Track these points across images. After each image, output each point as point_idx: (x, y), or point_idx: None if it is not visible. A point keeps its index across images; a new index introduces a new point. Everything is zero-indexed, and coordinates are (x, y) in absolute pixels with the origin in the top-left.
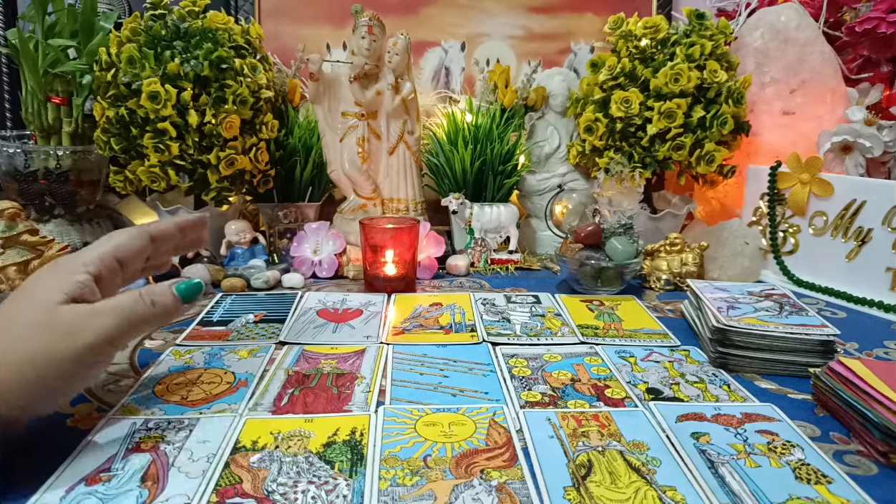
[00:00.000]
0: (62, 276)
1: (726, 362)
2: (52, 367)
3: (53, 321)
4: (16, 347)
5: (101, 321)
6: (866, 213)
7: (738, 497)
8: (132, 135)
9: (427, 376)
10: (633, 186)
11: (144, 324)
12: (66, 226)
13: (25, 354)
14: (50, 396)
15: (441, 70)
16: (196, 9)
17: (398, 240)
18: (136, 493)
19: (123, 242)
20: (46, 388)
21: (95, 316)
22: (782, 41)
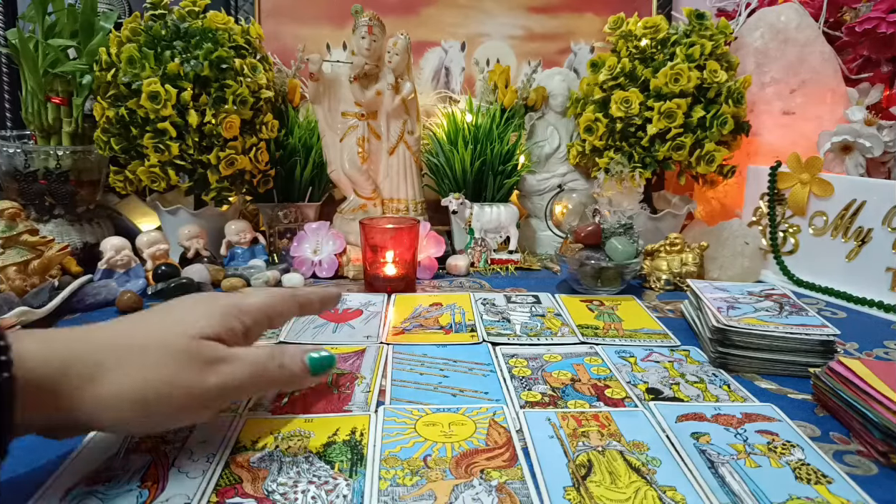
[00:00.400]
0: (216, 314)
1: (726, 362)
2: (174, 396)
3: (195, 352)
4: (146, 365)
5: (236, 368)
6: (866, 213)
7: (738, 497)
8: (132, 135)
9: (427, 376)
10: (633, 186)
11: (270, 383)
12: (66, 226)
13: (154, 375)
14: (152, 423)
15: (441, 70)
16: (196, 9)
17: (398, 240)
18: (136, 493)
19: (278, 305)
20: (158, 413)
21: (235, 361)
22: (782, 41)
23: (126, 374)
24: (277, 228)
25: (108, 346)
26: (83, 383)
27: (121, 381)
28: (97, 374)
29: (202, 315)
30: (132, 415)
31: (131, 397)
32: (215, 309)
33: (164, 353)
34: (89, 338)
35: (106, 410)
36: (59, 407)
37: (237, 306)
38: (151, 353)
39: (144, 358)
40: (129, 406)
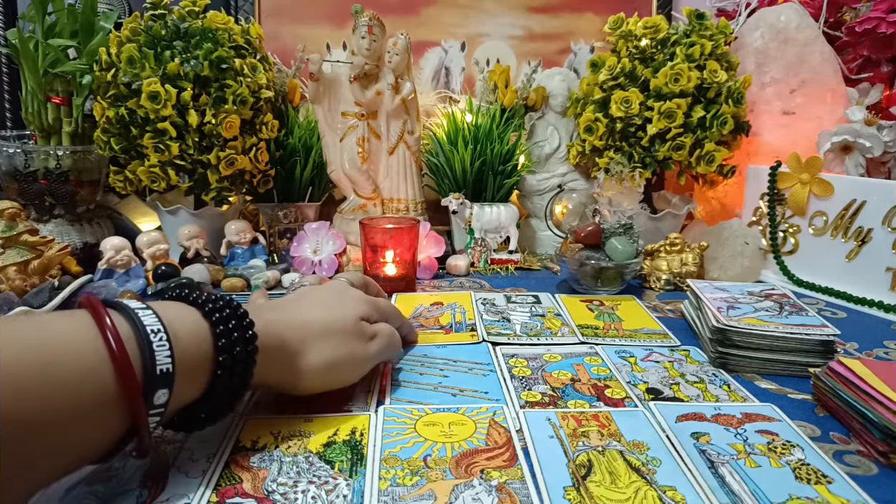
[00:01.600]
0: (362, 301)
1: (726, 362)
2: (350, 363)
3: (361, 331)
4: (335, 343)
5: (381, 339)
6: (866, 213)
7: (738, 497)
8: (132, 135)
9: (427, 376)
10: (633, 186)
11: (393, 351)
12: (66, 226)
13: (341, 350)
14: (330, 384)
15: (441, 70)
16: (196, 9)
17: (398, 240)
18: (136, 493)
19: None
20: (337, 377)
21: (380, 334)
22: (782, 41)
23: (323, 349)
24: (277, 228)
25: (308, 327)
26: (293, 356)
27: (319, 355)
28: (302, 349)
29: (358, 302)
30: (322, 378)
31: (325, 365)
32: (363, 298)
33: (343, 333)
34: (292, 319)
35: (306, 375)
36: (275, 371)
37: (371, 299)
38: (337, 333)
39: (333, 337)
40: (322, 372)
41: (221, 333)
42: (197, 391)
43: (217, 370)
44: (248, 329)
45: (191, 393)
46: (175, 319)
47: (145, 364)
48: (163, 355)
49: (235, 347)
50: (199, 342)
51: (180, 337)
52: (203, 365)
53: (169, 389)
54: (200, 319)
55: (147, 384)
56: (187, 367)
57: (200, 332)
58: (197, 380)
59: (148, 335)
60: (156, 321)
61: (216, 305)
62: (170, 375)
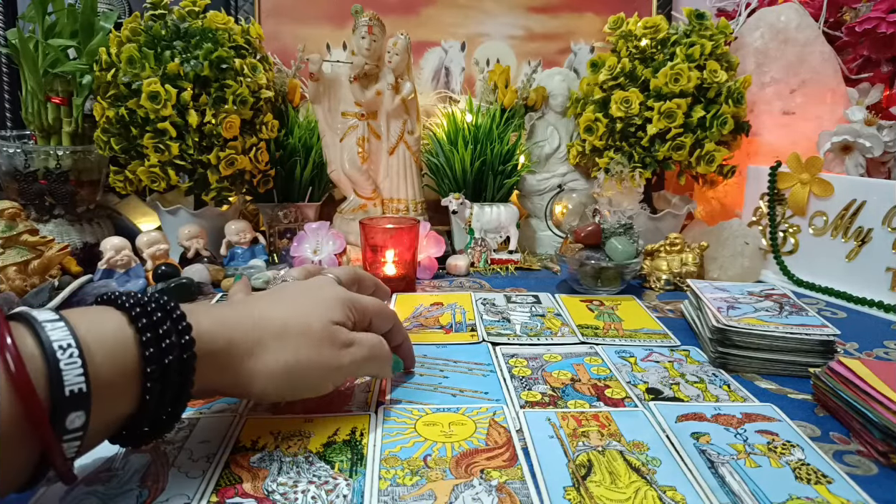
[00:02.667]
0: (341, 304)
1: (726, 362)
2: (315, 370)
3: (332, 335)
4: (296, 346)
5: (359, 349)
6: (866, 213)
7: (738, 497)
8: (132, 135)
9: (427, 376)
10: (633, 186)
11: (377, 366)
12: (66, 226)
13: (302, 354)
14: (291, 393)
15: (441, 70)
16: (196, 9)
17: (398, 240)
18: (136, 493)
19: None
20: (299, 385)
21: (358, 344)
22: (782, 41)
23: (279, 352)
24: (277, 228)
25: (263, 327)
26: (244, 358)
27: (275, 358)
28: (255, 351)
29: (333, 303)
30: (279, 385)
31: (282, 371)
32: (340, 299)
33: (309, 336)
34: (246, 317)
35: (258, 381)
36: (222, 377)
37: (354, 302)
38: (299, 336)
39: (294, 339)
40: (278, 378)
41: (149, 342)
42: (127, 407)
43: (146, 382)
44: (183, 334)
45: (119, 410)
46: (92, 329)
47: (52, 385)
48: (73, 374)
49: (167, 356)
50: (122, 353)
51: (94, 350)
52: (129, 378)
53: (85, 411)
54: (125, 326)
55: (55, 407)
56: (107, 384)
57: (124, 340)
58: (124, 395)
59: (55, 352)
60: (66, 335)
61: (145, 309)
62: (83, 396)
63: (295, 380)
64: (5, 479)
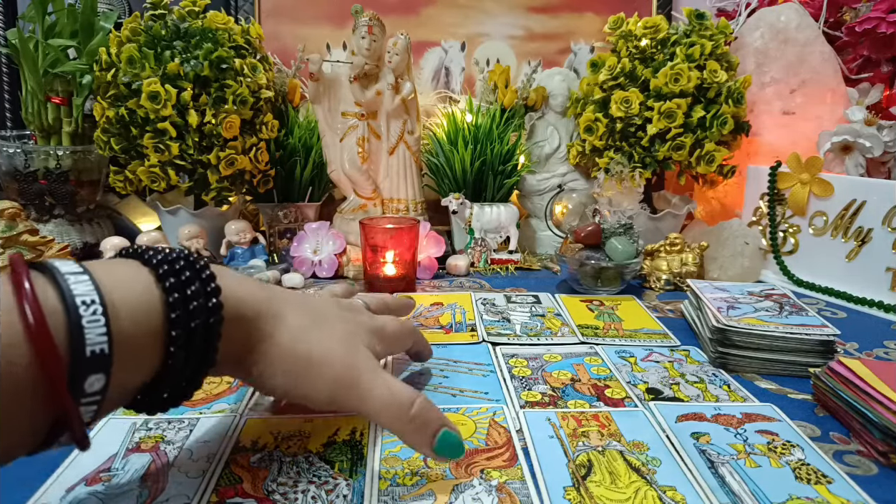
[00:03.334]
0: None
1: (726, 362)
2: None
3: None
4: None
5: (381, 390)
6: (866, 213)
7: (738, 497)
8: (132, 135)
9: (427, 376)
10: (633, 186)
11: (395, 422)
12: (66, 226)
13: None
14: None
15: (441, 70)
16: (196, 9)
17: (398, 240)
18: (136, 493)
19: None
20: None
21: (384, 384)
22: (782, 41)
23: (298, 340)
24: (277, 228)
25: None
26: (264, 335)
27: (293, 344)
28: (276, 331)
29: (362, 327)
30: (287, 374)
31: (295, 358)
32: (367, 327)
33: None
34: (275, 295)
35: (270, 362)
36: (242, 348)
37: (380, 331)
38: (326, 333)
39: (317, 334)
40: (289, 364)
41: (175, 303)
42: (148, 371)
43: (170, 347)
44: (211, 296)
45: (138, 375)
46: (118, 286)
47: (73, 343)
48: (95, 332)
49: (193, 320)
50: (147, 313)
51: (121, 308)
52: (152, 341)
53: (105, 374)
54: (152, 284)
55: (74, 368)
56: (130, 346)
57: (150, 300)
58: (146, 359)
59: (77, 308)
60: (90, 289)
61: (173, 266)
62: (105, 357)
63: (299, 376)
64: (19, 439)
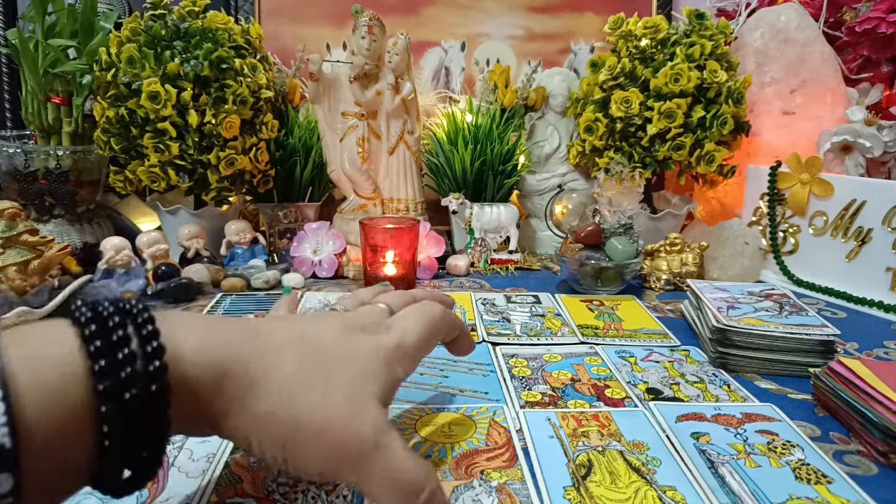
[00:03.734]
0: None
1: (726, 362)
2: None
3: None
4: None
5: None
6: (866, 213)
7: (738, 497)
8: (132, 135)
9: (427, 376)
10: (633, 186)
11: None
12: (66, 226)
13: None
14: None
15: (441, 70)
16: (196, 9)
17: (398, 240)
18: (135, 493)
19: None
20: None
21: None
22: (782, 41)
23: (285, 402)
24: (277, 228)
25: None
26: (233, 404)
27: (276, 406)
28: (251, 394)
29: (377, 364)
30: (269, 448)
31: (278, 429)
32: (383, 357)
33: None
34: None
35: (244, 432)
36: (202, 420)
37: (399, 348)
38: (317, 391)
39: (311, 386)
40: (269, 437)
41: (101, 372)
42: (82, 453)
43: (102, 425)
44: (152, 358)
45: (69, 462)
46: (29, 362)
47: None
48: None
49: (126, 390)
50: (63, 391)
51: (28, 392)
52: (76, 421)
53: (12, 473)
54: (75, 350)
55: None
56: (45, 434)
57: (71, 371)
58: (74, 442)
59: None
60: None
61: (105, 324)
62: (8, 452)
63: (286, 447)
64: None
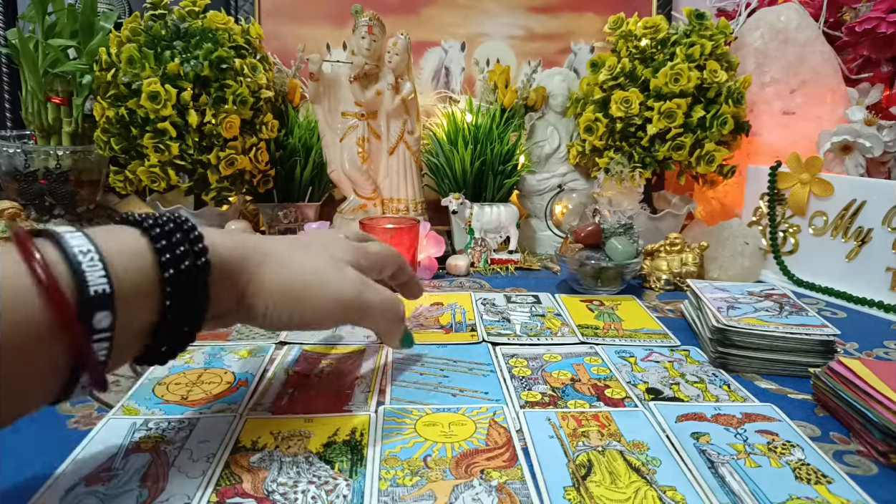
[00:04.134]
0: (351, 250)
1: (726, 362)
2: (316, 294)
3: (342, 269)
4: (304, 265)
5: (374, 294)
6: (866, 213)
7: (738, 497)
8: (132, 135)
9: (427, 376)
10: (633, 186)
11: (386, 320)
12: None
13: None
14: (293, 320)
15: (441, 70)
16: (196, 9)
17: (398, 240)
18: (136, 493)
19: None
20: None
21: (373, 289)
22: (782, 41)
23: (285, 270)
24: (277, 228)
25: (273, 248)
26: (253, 272)
27: (281, 274)
28: (263, 268)
29: (344, 245)
30: (281, 303)
31: (285, 287)
32: (352, 246)
33: (318, 260)
34: (259, 240)
35: (262, 297)
36: (233, 290)
37: (362, 249)
38: (305, 258)
39: (300, 261)
40: (280, 294)
41: (164, 248)
42: (150, 314)
43: (165, 287)
44: (196, 242)
45: (142, 316)
46: (108, 239)
47: (79, 285)
48: (96, 275)
49: (182, 262)
50: (139, 259)
51: (113, 255)
52: (148, 284)
53: (110, 311)
54: (139, 237)
55: (82, 306)
56: (129, 287)
57: (138, 248)
58: (145, 302)
59: (76, 255)
60: (84, 241)
61: (157, 221)
62: (107, 296)
63: (296, 301)
64: (42, 384)
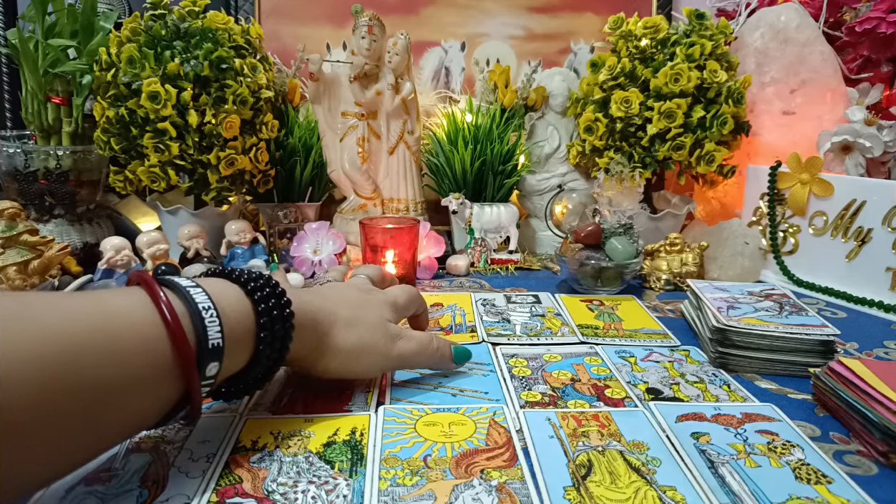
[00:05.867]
0: (388, 306)
1: (726, 362)
2: (373, 355)
3: (386, 329)
4: (363, 330)
5: (408, 343)
6: (866, 213)
7: (738, 497)
8: (132, 135)
9: (427, 376)
10: (633, 186)
11: (427, 360)
12: (66, 226)
13: (367, 337)
14: (351, 371)
15: (441, 70)
16: (196, 9)
17: (398, 240)
18: (136, 493)
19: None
20: (358, 365)
21: (408, 338)
22: (782, 41)
23: (349, 335)
24: (277, 228)
25: (336, 315)
26: (322, 335)
27: (345, 338)
28: (331, 332)
29: (383, 304)
30: (342, 361)
31: (348, 349)
32: (387, 302)
33: (370, 326)
34: (325, 306)
35: (328, 355)
36: (304, 347)
37: (393, 304)
38: (362, 325)
39: (360, 327)
40: (344, 354)
41: (263, 311)
42: (241, 363)
43: (259, 345)
44: (285, 307)
45: (235, 365)
46: (221, 297)
47: (199, 338)
48: (214, 330)
49: (275, 324)
50: (244, 318)
51: (227, 314)
52: (246, 339)
53: (219, 362)
54: (243, 297)
55: (200, 356)
56: (234, 342)
57: (244, 308)
58: (241, 353)
59: (200, 311)
60: (205, 298)
61: (257, 284)
62: (220, 349)
63: (355, 359)
64: (148, 414)
